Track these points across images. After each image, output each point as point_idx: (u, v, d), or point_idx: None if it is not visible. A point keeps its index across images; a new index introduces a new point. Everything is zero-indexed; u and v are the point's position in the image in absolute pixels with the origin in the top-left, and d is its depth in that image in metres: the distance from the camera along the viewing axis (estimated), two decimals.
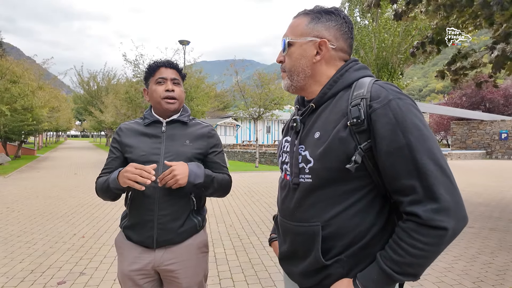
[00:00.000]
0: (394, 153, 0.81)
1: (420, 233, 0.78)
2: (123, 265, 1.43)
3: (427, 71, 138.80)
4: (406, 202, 0.81)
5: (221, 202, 6.75)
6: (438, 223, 0.77)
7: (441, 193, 0.77)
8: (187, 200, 1.44)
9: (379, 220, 0.90)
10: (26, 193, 7.78)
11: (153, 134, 1.48)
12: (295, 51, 0.98)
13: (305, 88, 1.02)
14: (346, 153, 0.86)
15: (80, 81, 39.21)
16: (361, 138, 0.85)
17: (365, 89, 0.88)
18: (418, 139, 0.80)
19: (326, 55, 0.97)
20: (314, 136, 0.94)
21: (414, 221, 0.80)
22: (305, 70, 0.98)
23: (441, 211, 0.77)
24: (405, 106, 0.83)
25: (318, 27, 0.97)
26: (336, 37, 0.97)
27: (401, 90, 0.90)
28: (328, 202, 0.91)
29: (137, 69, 14.48)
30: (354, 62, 0.99)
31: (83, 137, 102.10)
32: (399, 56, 14.01)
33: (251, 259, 3.68)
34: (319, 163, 0.90)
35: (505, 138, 23.05)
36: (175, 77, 1.50)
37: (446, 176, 0.79)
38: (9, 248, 3.96)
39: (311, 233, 0.93)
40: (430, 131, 0.83)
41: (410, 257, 0.79)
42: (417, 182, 0.79)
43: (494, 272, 3.37)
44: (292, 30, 1.00)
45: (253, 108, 15.62)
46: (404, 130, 0.81)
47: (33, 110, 15.05)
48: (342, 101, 0.92)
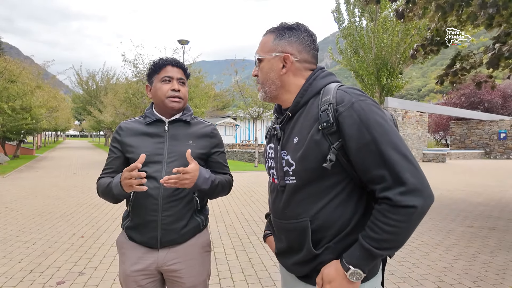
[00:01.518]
0: (362, 148, 0.92)
1: (393, 212, 0.89)
2: (125, 266, 1.42)
3: (426, 71, 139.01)
4: (378, 189, 0.92)
5: (220, 202, 6.75)
6: (407, 203, 0.87)
7: (407, 177, 0.88)
8: (190, 200, 1.43)
9: (359, 208, 1.01)
10: (25, 193, 7.76)
11: (155, 134, 1.46)
12: (265, 66, 1.10)
13: (278, 97, 1.13)
14: (322, 154, 0.96)
15: (79, 81, 39.15)
16: (333, 139, 0.96)
17: (331, 95, 0.99)
18: (381, 134, 0.91)
19: (291, 67, 1.08)
20: (293, 141, 1.04)
21: (387, 203, 0.90)
22: (275, 81, 1.09)
23: (409, 192, 0.88)
24: (367, 107, 0.94)
25: (281, 43, 1.08)
26: (298, 50, 1.08)
27: (362, 93, 1.00)
28: (313, 198, 1.01)
29: (136, 69, 14.46)
30: (320, 71, 1.09)
31: (82, 137, 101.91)
32: (398, 55, 14.02)
33: (250, 258, 3.67)
34: (300, 165, 1.00)
35: (503, 138, 23.10)
36: (181, 77, 1.48)
37: (410, 162, 0.90)
38: (8, 248, 3.94)
39: (301, 228, 1.03)
40: (391, 125, 0.94)
41: (385, 234, 0.90)
42: (385, 171, 0.90)
43: (494, 271, 3.37)
44: (261, 47, 1.12)
45: (253, 108, 15.61)
46: (368, 127, 0.91)
47: (32, 110, 15.00)
48: (313, 107, 1.03)
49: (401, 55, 14.37)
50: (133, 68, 14.46)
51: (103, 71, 39.64)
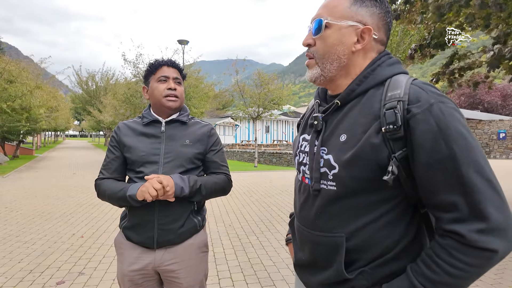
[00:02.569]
0: (434, 165, 0.72)
1: (463, 253, 0.69)
2: (123, 266, 1.43)
3: (426, 70, 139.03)
4: (446, 219, 0.72)
5: (220, 202, 6.75)
6: (486, 245, 0.68)
7: (490, 211, 0.68)
8: (187, 201, 1.43)
9: (410, 231, 0.82)
10: (25, 193, 7.76)
11: (152, 134, 1.47)
12: (332, 35, 0.85)
13: (335, 80, 0.90)
14: (377, 162, 0.77)
15: (79, 81, 39.13)
16: (395, 146, 0.76)
17: (402, 90, 0.78)
18: (462, 150, 0.70)
19: (367, 45, 0.86)
20: (340, 139, 0.84)
21: (456, 239, 0.71)
22: (340, 58, 0.86)
23: (491, 231, 0.68)
24: (448, 111, 0.73)
25: (362, 12, 0.85)
26: (378, 26, 0.86)
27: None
28: (354, 212, 0.83)
29: (136, 69, 14.47)
30: (387, 56, 0.88)
31: (81, 137, 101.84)
32: (397, 55, 14.04)
33: (250, 258, 3.68)
34: (346, 171, 0.81)
35: (503, 138, 23.13)
36: (177, 76, 1.50)
37: (496, 192, 0.70)
38: (8, 248, 3.95)
39: (333, 244, 0.85)
40: (475, 139, 0.74)
41: (447, 277, 0.71)
42: (461, 199, 0.70)
43: (492, 271, 3.37)
44: (330, 10, 0.86)
45: (252, 108, 15.61)
46: (447, 139, 0.71)
47: (31, 110, 14.99)
48: (374, 101, 0.82)
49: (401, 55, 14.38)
50: (133, 68, 14.47)
51: (102, 71, 39.64)
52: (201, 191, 1.41)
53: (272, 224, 5.14)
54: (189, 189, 1.36)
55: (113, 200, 1.41)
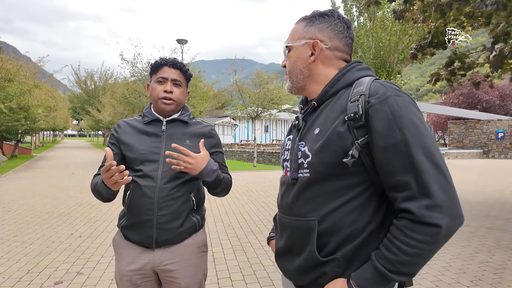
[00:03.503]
0: (390, 148, 0.82)
1: (414, 230, 0.78)
2: (121, 265, 1.42)
3: (425, 70, 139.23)
4: (400, 198, 0.82)
5: (219, 202, 6.74)
6: (431, 220, 0.77)
7: (434, 189, 0.78)
8: (186, 200, 1.43)
9: (376, 218, 0.90)
10: (23, 193, 7.73)
11: (153, 133, 1.46)
12: (293, 54, 1.04)
13: (305, 88, 1.05)
14: (343, 148, 0.87)
15: (77, 80, 39.05)
16: (358, 133, 0.87)
17: (365, 86, 0.90)
18: (414, 136, 0.81)
19: (320, 55, 1.01)
20: (314, 132, 0.96)
21: (407, 218, 0.80)
22: (302, 71, 1.03)
23: (434, 207, 0.77)
24: (403, 103, 0.84)
25: (311, 30, 1.02)
26: (329, 37, 1.01)
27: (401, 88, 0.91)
28: (325, 197, 0.92)
29: (134, 68, 14.43)
30: (357, 63, 1.01)
31: (80, 137, 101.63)
32: (396, 55, 14.03)
33: (249, 258, 3.67)
34: (317, 157, 0.92)
35: (501, 138, 23.18)
36: (176, 78, 1.45)
37: (442, 174, 0.80)
38: (6, 248, 3.93)
39: (307, 227, 0.93)
40: (427, 128, 0.84)
41: (404, 256, 0.79)
42: (412, 178, 0.79)
43: (491, 270, 3.38)
44: (292, 36, 1.06)
45: (251, 107, 15.60)
46: (401, 126, 0.81)
47: (29, 109, 14.94)
48: (342, 98, 0.94)
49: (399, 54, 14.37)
50: (131, 68, 14.43)
51: (101, 71, 39.59)
52: (222, 184, 1.46)
53: (271, 224, 5.12)
54: (214, 177, 1.40)
55: (96, 193, 1.40)
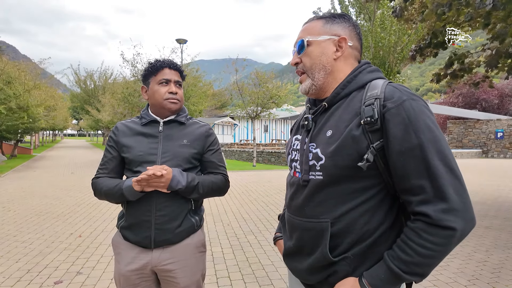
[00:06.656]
0: (405, 152, 0.83)
1: (429, 233, 0.80)
2: (120, 265, 1.43)
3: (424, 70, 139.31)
4: (415, 201, 0.83)
5: (218, 201, 6.75)
6: (447, 223, 0.78)
7: (450, 193, 0.79)
8: (184, 200, 1.44)
9: (388, 219, 0.92)
10: (23, 193, 7.74)
11: (150, 134, 1.47)
12: (315, 49, 1.01)
13: (324, 87, 1.02)
14: (358, 152, 0.88)
15: (77, 80, 39.01)
16: (373, 137, 0.87)
17: (379, 89, 0.91)
18: (430, 140, 0.82)
19: (345, 52, 1.00)
20: (326, 134, 0.96)
21: (423, 220, 0.81)
22: (325, 66, 1.00)
23: (450, 211, 0.78)
24: (418, 107, 0.85)
25: (335, 27, 1.01)
26: (351, 36, 1.02)
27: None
28: (338, 199, 0.92)
29: (134, 68, 14.42)
30: (367, 65, 1.02)
31: (79, 136, 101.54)
32: (395, 55, 14.03)
33: (248, 258, 3.68)
34: (331, 160, 0.92)
35: (501, 137, 23.21)
36: (178, 79, 1.50)
37: (456, 178, 0.81)
38: (5, 247, 3.94)
39: (319, 229, 0.94)
40: (441, 133, 0.85)
41: (418, 257, 0.80)
42: (427, 182, 0.80)
43: (489, 270, 3.40)
44: (308, 32, 1.03)
45: (251, 107, 15.61)
46: (417, 130, 0.82)
47: (29, 109, 14.92)
48: (355, 101, 0.95)
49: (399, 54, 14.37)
50: (131, 67, 14.43)
51: (100, 71, 39.52)
52: (198, 189, 1.42)
53: (270, 224, 5.14)
54: (185, 183, 1.37)
55: (109, 196, 1.41)
